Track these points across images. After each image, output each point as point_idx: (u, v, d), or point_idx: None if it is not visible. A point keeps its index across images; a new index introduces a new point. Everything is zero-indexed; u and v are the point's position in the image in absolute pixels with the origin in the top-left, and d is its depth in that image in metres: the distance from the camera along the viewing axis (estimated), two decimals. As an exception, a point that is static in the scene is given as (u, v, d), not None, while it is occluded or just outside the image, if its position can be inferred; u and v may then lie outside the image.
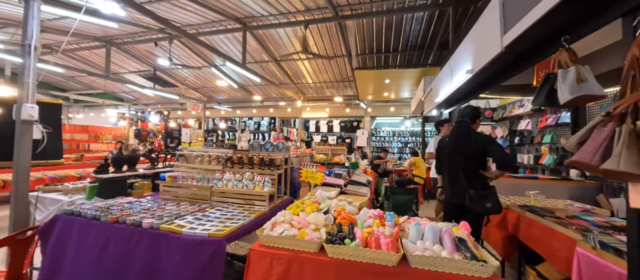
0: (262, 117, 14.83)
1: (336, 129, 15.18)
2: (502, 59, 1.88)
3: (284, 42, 6.60)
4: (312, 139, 15.91)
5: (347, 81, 8.74)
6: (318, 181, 2.48)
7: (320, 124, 15.89)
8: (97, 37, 6.79)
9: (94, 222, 1.68)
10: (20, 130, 2.29)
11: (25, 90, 2.33)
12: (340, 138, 14.92)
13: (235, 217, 1.79)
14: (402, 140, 15.14)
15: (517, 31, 1.56)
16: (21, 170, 2.30)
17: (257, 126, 16.03)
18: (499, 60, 1.87)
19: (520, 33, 1.54)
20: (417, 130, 14.87)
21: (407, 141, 15.05)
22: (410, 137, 15.00)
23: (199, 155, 2.40)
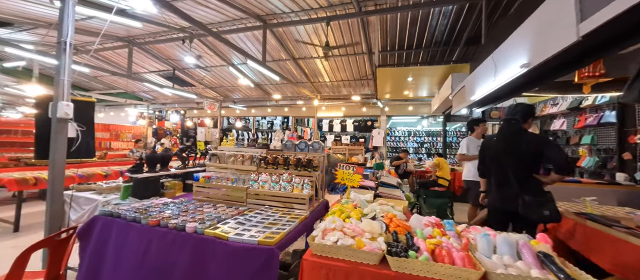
0: (275, 116, 14.84)
1: (350, 128, 14.96)
2: (572, 51, 1.67)
3: (303, 40, 6.49)
4: (325, 138, 15.79)
5: (364, 80, 8.55)
6: (355, 183, 2.34)
7: (333, 124, 15.76)
8: (120, 37, 6.90)
9: (134, 225, 1.61)
10: (55, 128, 2.28)
11: (60, 88, 2.31)
12: (354, 138, 14.70)
13: (279, 221, 1.68)
14: (418, 140, 14.76)
15: (602, 18, 1.37)
16: (57, 168, 2.28)
17: (270, 125, 16.05)
18: (569, 52, 1.66)
19: (608, 20, 1.34)
20: (434, 129, 14.47)
21: (423, 141, 14.67)
22: (426, 137, 14.63)
23: (232, 155, 2.31)
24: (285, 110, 11.79)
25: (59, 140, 2.29)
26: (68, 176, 4.05)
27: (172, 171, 2.44)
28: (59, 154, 2.29)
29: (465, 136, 4.29)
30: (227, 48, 7.27)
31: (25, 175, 3.74)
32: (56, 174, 2.29)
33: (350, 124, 14.85)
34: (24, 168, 4.80)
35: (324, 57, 6.88)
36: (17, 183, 3.53)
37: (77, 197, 2.32)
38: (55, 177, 2.28)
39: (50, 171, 2.27)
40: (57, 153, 2.28)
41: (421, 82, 6.60)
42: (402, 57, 6.88)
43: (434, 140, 14.35)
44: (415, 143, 14.87)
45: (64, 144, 2.33)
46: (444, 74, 5.76)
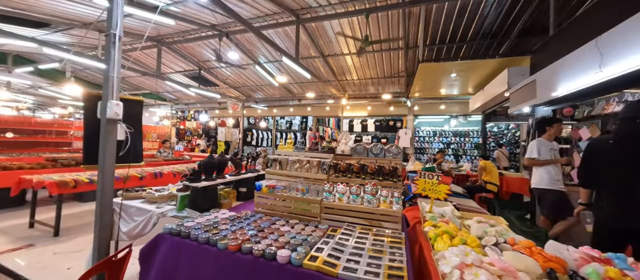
0: (293, 116, 14.61)
1: (371, 128, 14.50)
2: None
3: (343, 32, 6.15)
4: (345, 138, 15.39)
5: (395, 77, 8.10)
6: (441, 195, 1.97)
7: (353, 123, 15.35)
8: (150, 37, 6.84)
9: (209, 249, 1.32)
10: (105, 130, 2.05)
11: (110, 86, 2.08)
12: (376, 138, 14.23)
13: (382, 249, 1.34)
14: (444, 140, 14.05)
15: None
16: (106, 175, 2.06)
17: (289, 125, 15.86)
18: None
19: None
20: (462, 130, 13.73)
21: (449, 142, 13.96)
22: (453, 137, 13.92)
23: (297, 160, 2.00)
24: (307, 110, 11.50)
25: (109, 143, 2.07)
26: (105, 178, 3.93)
27: (228, 178, 2.17)
28: (108, 158, 2.07)
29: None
30: (254, 46, 7.06)
31: (65, 178, 3.63)
32: (106, 181, 2.06)
33: (371, 123, 14.39)
34: (61, 169, 4.76)
35: (357, 54, 6.52)
36: (57, 186, 3.41)
37: (126, 206, 2.09)
38: (105, 184, 2.06)
39: (100, 178, 2.06)
40: (106, 157, 2.06)
41: (464, 78, 6.09)
42: (441, 52, 6.39)
43: (462, 141, 13.61)
44: (441, 144, 14.16)
45: (113, 147, 2.11)
46: (494, 68, 5.24)
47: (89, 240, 3.43)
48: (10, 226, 3.81)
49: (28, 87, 11.23)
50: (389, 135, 14.16)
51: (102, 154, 2.06)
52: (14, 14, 4.76)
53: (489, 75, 5.62)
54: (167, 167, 5.31)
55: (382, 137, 14.03)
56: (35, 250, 3.11)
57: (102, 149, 2.06)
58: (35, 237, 3.48)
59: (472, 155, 13.23)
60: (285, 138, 15.47)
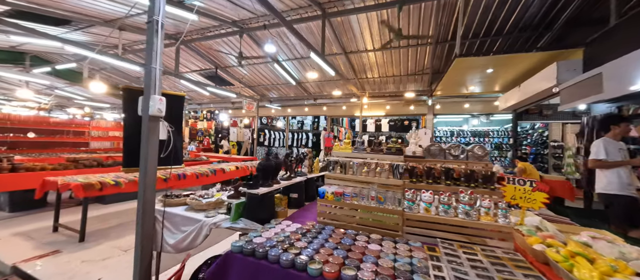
0: (305, 116, 14.38)
1: (384, 128, 14.19)
2: None
3: (361, 30, 5.87)
4: (359, 138, 15.09)
5: (419, 74, 7.76)
6: (537, 205, 1.67)
7: (367, 123, 15.02)
8: (169, 35, 6.69)
9: (296, 275, 1.06)
10: (147, 128, 1.82)
11: (152, 79, 1.85)
12: (390, 138, 13.89)
13: (509, 276, 1.05)
14: (462, 140, 13.61)
15: None
16: (149, 178, 1.83)
17: (301, 125, 15.62)
18: None
19: None
20: (480, 129, 13.27)
21: (467, 142, 13.52)
22: (471, 137, 13.46)
23: (365, 163, 1.73)
24: (323, 110, 11.24)
25: (151, 143, 1.84)
26: (129, 181, 3.74)
27: (282, 183, 1.92)
28: (151, 160, 1.84)
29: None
30: (274, 43, 6.83)
31: (90, 180, 3.45)
32: (148, 185, 1.83)
33: (385, 123, 14.06)
34: (83, 170, 4.61)
35: (387, 47, 6.23)
36: (83, 188, 3.23)
37: (170, 214, 1.86)
38: (147, 189, 1.83)
39: (141, 182, 1.83)
40: (149, 159, 1.83)
41: (499, 75, 5.72)
42: (472, 47, 6.04)
43: (481, 141, 13.13)
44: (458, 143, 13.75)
45: (155, 148, 1.88)
46: (535, 63, 4.88)
47: (115, 247, 3.24)
48: (34, 230, 3.65)
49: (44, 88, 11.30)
50: (404, 135, 13.80)
51: (144, 156, 1.83)
52: (36, 10, 4.63)
53: (529, 71, 5.25)
54: (189, 169, 5.12)
55: (397, 137, 13.68)
56: (62, 258, 2.92)
57: (144, 150, 1.83)
58: (61, 242, 3.31)
59: (492, 156, 12.77)
60: (298, 138, 15.26)
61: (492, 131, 12.81)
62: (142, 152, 1.83)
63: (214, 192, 2.07)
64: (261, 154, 14.14)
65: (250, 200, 1.66)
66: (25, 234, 3.52)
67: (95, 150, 8.37)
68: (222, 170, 5.49)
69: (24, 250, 3.06)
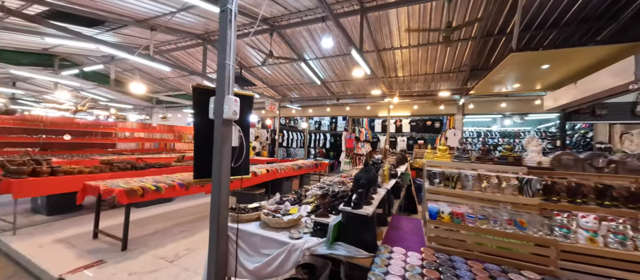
0: (322, 117, 14.10)
1: (405, 128, 13.74)
2: None
3: (399, 25, 5.53)
4: (378, 139, 14.68)
5: (454, 72, 7.33)
6: None
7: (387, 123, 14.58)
8: (197, 34, 6.56)
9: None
10: (221, 134, 1.57)
11: (226, 77, 1.61)
12: (412, 139, 13.40)
13: None
14: (490, 142, 12.97)
15: None
16: (223, 191, 1.59)
17: (318, 126, 15.34)
18: None
19: None
20: (510, 130, 12.60)
21: (496, 143, 12.86)
22: (500, 138, 12.79)
23: (483, 176, 1.42)
24: (346, 110, 10.93)
25: (225, 151, 1.60)
26: (169, 186, 3.57)
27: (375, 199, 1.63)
28: (224, 171, 1.60)
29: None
30: (302, 41, 6.58)
31: (132, 185, 3.29)
32: (222, 199, 1.59)
33: (406, 123, 13.61)
34: (118, 173, 4.50)
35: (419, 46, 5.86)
36: (126, 195, 3.07)
37: (246, 234, 1.61)
38: (221, 203, 1.59)
39: (215, 197, 1.59)
40: (223, 169, 1.58)
41: (553, 71, 5.24)
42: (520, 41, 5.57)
43: (511, 142, 12.46)
44: (486, 145, 13.09)
45: (228, 156, 1.64)
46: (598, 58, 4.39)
47: (159, 257, 3.05)
48: (75, 236, 3.54)
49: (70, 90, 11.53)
50: (427, 137, 13.29)
51: (217, 165, 1.59)
52: (73, 10, 4.56)
53: (590, 67, 4.76)
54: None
55: (419, 138, 13.19)
56: (107, 269, 2.76)
57: (217, 159, 1.59)
58: (103, 250, 3.16)
59: (523, 158, 12.07)
60: (315, 139, 14.99)
61: (526, 132, 12.13)
62: (215, 162, 1.59)
63: (287, 207, 1.81)
64: (281, 155, 13.96)
65: (352, 221, 1.38)
66: (66, 240, 3.41)
67: (122, 151, 8.39)
68: (255, 173, 5.28)
69: (68, 259, 2.92)
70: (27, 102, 13.46)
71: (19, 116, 6.84)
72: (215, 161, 1.59)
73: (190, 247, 3.35)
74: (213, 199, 1.59)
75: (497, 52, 6.05)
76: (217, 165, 1.58)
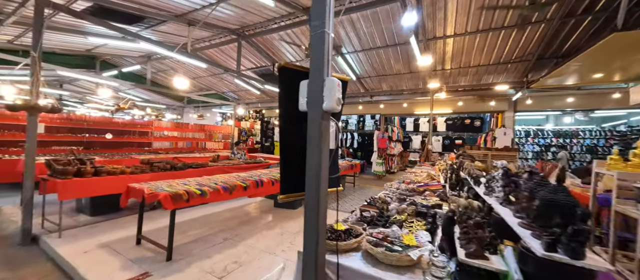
0: (348, 115, 13.49)
1: (441, 127, 12.73)
2: None
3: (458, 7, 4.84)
4: (410, 139, 13.81)
5: (514, 62, 6.43)
6: None
7: (420, 122, 13.65)
8: (232, 29, 6.32)
9: None
10: (319, 131, 1.11)
11: (324, 50, 1.14)
12: (448, 139, 12.39)
13: None
14: (541, 142, 11.62)
15: None
16: (321, 210, 1.12)
17: (345, 125, 14.74)
18: None
19: None
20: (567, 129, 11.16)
21: (547, 144, 11.49)
22: (554, 138, 11.38)
23: None
24: (380, 107, 10.28)
25: (323, 152, 1.13)
26: (213, 190, 3.24)
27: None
28: (323, 182, 1.13)
29: None
30: (342, 33, 6.08)
31: (176, 189, 3.01)
32: (320, 225, 1.13)
33: (441, 122, 12.61)
34: (159, 174, 4.31)
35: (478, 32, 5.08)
36: (172, 200, 2.78)
37: (350, 273, 1.14)
38: (319, 230, 1.13)
39: (310, 218, 1.13)
40: (321, 181, 1.12)
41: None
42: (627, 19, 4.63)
43: (567, 143, 11.03)
44: (536, 145, 11.73)
45: (327, 162, 1.16)
46: None
47: (207, 271, 2.71)
48: (117, 241, 3.33)
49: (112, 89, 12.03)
50: (465, 136, 12.20)
51: (313, 175, 1.12)
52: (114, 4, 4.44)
53: None
54: (261, 174, 4.58)
55: (456, 138, 12.16)
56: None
57: (312, 166, 1.13)
58: (147, 260, 2.89)
59: (583, 160, 10.63)
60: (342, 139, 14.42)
61: (585, 131, 10.67)
62: (309, 170, 1.13)
63: (396, 232, 1.32)
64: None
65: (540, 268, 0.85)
66: (110, 246, 3.20)
67: (158, 150, 8.46)
68: (294, 175, 4.86)
69: (112, 269, 2.68)
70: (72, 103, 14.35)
71: (65, 116, 7.06)
72: (311, 170, 1.13)
73: (237, 259, 2.99)
74: (308, 225, 1.13)
75: (576, 37, 5.11)
76: (314, 174, 1.13)
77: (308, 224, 1.13)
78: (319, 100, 1.12)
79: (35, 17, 3.33)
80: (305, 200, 1.14)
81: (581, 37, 5.12)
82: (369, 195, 6.93)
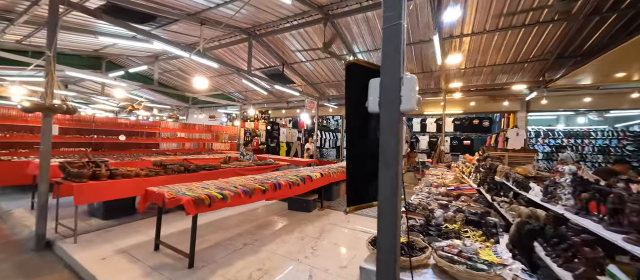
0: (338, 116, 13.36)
1: (449, 127, 12.62)
2: None
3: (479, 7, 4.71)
4: (417, 139, 13.69)
5: (531, 61, 6.29)
6: None
7: (427, 122, 13.53)
8: (243, 29, 6.21)
9: None
10: (395, 133, 0.99)
11: (401, 43, 1.02)
12: (456, 139, 12.25)
13: None
14: (551, 142, 11.44)
15: None
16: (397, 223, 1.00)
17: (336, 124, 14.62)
18: None
19: None
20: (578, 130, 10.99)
21: (558, 144, 11.31)
22: (565, 138, 11.20)
23: None
24: (390, 108, 10.11)
25: (399, 158, 1.00)
26: (234, 194, 3.13)
27: None
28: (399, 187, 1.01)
29: None
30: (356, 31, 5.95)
31: (197, 193, 2.89)
32: (396, 241, 1.01)
33: (449, 122, 12.50)
34: (174, 176, 4.20)
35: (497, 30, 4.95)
36: (194, 205, 2.66)
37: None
38: (395, 247, 1.00)
39: (387, 237, 1.00)
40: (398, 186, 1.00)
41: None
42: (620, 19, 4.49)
43: (579, 143, 10.85)
44: (546, 146, 11.55)
45: (400, 170, 1.04)
46: None
47: (231, 278, 2.60)
48: (135, 246, 3.22)
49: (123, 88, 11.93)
50: (473, 137, 12.06)
51: (388, 185, 1.00)
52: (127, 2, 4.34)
53: None
54: (278, 176, 4.46)
55: (464, 139, 12.02)
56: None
57: (387, 175, 1.01)
58: (169, 267, 2.77)
59: (594, 161, 10.46)
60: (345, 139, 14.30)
61: (597, 131, 10.50)
62: (383, 179, 1.01)
63: (472, 247, 1.20)
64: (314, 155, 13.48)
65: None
66: (127, 251, 3.09)
67: (165, 151, 8.36)
68: (310, 178, 4.76)
69: (133, 277, 2.57)
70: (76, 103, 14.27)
71: (75, 116, 6.96)
72: (385, 178, 1.01)
73: (261, 266, 2.87)
74: (383, 239, 1.01)
75: (598, 35, 4.98)
76: (388, 185, 1.00)
77: (383, 238, 1.01)
78: (394, 100, 1.00)
79: (50, 15, 3.22)
80: (380, 213, 1.02)
81: (603, 35, 4.99)
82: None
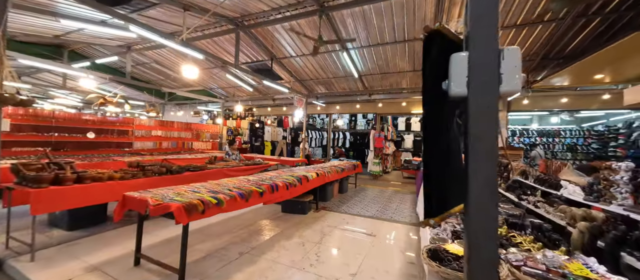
0: (339, 114, 13.28)
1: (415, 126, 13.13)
2: None
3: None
4: (402, 138, 13.92)
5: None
6: None
7: (412, 121, 13.79)
8: (230, 18, 5.76)
9: None
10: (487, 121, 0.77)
11: (494, 12, 0.80)
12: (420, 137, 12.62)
13: None
14: (526, 141, 12.15)
15: None
16: (495, 226, 0.77)
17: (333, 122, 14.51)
18: None
19: None
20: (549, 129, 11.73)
21: (532, 142, 12.02)
22: (538, 137, 11.94)
23: None
24: (379, 106, 10.12)
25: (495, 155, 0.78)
26: (229, 198, 2.78)
27: None
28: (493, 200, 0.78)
29: None
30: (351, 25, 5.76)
31: (188, 198, 2.50)
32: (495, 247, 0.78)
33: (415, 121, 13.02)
34: (154, 179, 3.71)
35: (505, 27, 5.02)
36: (186, 212, 2.28)
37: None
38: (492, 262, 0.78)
39: (483, 238, 0.78)
40: (494, 188, 0.77)
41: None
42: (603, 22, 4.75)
43: (550, 142, 11.63)
44: (521, 144, 12.24)
45: (494, 171, 0.82)
46: None
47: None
48: (109, 262, 2.75)
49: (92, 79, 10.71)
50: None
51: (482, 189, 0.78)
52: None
53: None
54: (273, 177, 4.15)
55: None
56: (170, 319, 1.96)
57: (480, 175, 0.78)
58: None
59: (564, 159, 11.25)
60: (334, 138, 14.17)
61: (567, 130, 11.30)
62: (475, 182, 0.79)
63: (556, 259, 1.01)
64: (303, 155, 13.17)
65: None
66: (100, 268, 2.62)
67: (140, 151, 7.61)
68: (306, 178, 4.49)
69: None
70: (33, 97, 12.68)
71: (31, 111, 6.06)
72: (479, 179, 0.78)
73: (263, 279, 2.55)
74: (475, 261, 0.78)
75: (581, 38, 5.22)
76: (486, 185, 0.78)
77: (478, 255, 0.78)
78: (492, 80, 0.77)
79: (-2, -15, 2.64)
80: (471, 222, 0.80)
81: (585, 38, 5.24)
82: (371, 196, 6.80)
